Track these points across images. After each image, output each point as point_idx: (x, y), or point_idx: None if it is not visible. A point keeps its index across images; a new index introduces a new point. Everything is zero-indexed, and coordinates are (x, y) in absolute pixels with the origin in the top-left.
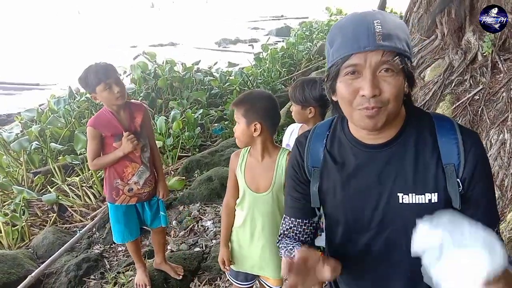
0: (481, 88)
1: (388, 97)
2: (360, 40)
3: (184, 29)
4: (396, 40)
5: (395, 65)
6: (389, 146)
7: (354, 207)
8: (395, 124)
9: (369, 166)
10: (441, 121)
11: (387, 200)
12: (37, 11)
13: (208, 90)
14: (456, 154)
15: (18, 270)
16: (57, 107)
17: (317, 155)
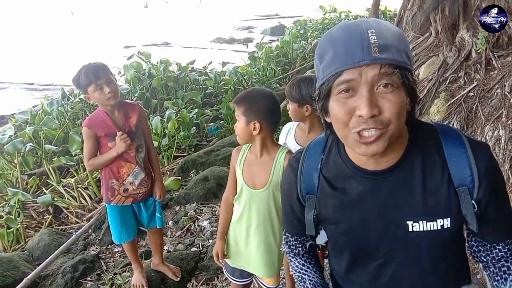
0: (476, 85)
1: (389, 117)
2: (354, 53)
3: (178, 29)
4: (395, 51)
5: (395, 80)
6: (394, 171)
7: (359, 237)
8: (398, 146)
9: (373, 194)
10: (448, 136)
11: (395, 229)
12: (30, 12)
13: (203, 89)
14: (469, 176)
15: (14, 273)
16: (50, 109)
17: (312, 181)
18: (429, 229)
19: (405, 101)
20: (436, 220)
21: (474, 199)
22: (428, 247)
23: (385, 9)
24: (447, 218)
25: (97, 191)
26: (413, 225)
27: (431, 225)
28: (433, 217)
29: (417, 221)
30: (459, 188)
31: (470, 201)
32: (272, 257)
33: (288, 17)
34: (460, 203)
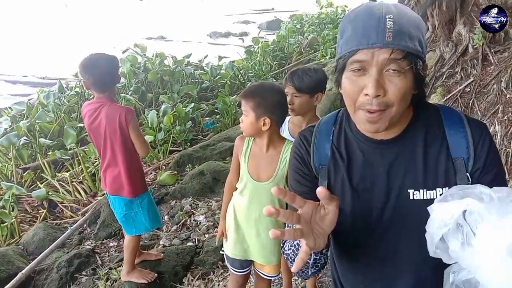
0: (472, 80)
1: (393, 100)
2: (369, 35)
3: (173, 23)
4: (407, 38)
5: (402, 65)
6: (398, 141)
7: (363, 205)
8: (403, 119)
9: (377, 162)
10: (448, 114)
11: (397, 197)
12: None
13: (199, 83)
14: (465, 148)
15: (8, 267)
16: (46, 101)
17: (324, 152)
18: (429, 197)
19: (411, 86)
20: (435, 189)
21: (469, 172)
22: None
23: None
24: (446, 187)
25: (92, 185)
26: (414, 193)
27: (430, 194)
28: (433, 186)
29: (418, 190)
30: (455, 159)
31: (465, 173)
32: (274, 244)
33: (284, 11)
34: (456, 175)
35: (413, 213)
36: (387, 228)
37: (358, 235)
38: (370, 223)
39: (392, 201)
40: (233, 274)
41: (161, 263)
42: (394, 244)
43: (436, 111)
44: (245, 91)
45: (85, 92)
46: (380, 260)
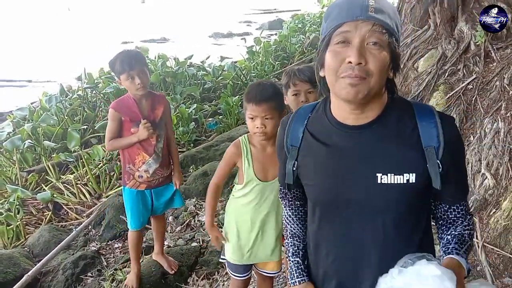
0: (475, 77)
1: (373, 69)
2: (354, 11)
3: (175, 24)
4: (387, 17)
5: (383, 40)
6: (370, 127)
7: (333, 186)
8: (376, 106)
9: (349, 146)
10: (420, 107)
11: (366, 180)
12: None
13: (201, 84)
14: (435, 137)
15: (15, 269)
16: (49, 105)
17: (296, 134)
18: (396, 182)
19: (387, 62)
20: (403, 174)
21: (439, 159)
22: (394, 199)
23: None
24: (413, 173)
25: (96, 187)
26: (382, 177)
27: (398, 178)
28: (400, 171)
29: (386, 173)
30: (426, 147)
31: (436, 160)
32: (276, 240)
33: (286, 11)
34: (426, 162)
35: (380, 196)
36: (355, 210)
37: (328, 214)
38: (338, 204)
39: (361, 184)
40: (234, 280)
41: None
42: (360, 225)
43: (408, 103)
44: (263, 94)
45: (88, 95)
46: (349, 240)
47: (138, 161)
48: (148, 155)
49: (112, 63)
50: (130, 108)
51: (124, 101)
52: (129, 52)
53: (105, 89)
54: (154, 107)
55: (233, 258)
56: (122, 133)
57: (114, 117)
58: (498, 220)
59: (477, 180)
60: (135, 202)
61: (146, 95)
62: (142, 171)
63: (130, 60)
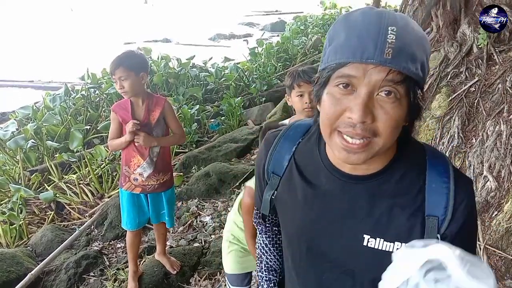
0: (477, 80)
1: (381, 129)
2: (365, 48)
3: (178, 25)
4: (409, 60)
5: (399, 90)
6: (367, 181)
7: (312, 235)
8: (382, 158)
9: (339, 195)
10: (435, 162)
11: (350, 238)
12: (30, 9)
13: (204, 85)
14: (443, 207)
15: (18, 268)
16: (52, 105)
17: (280, 162)
18: (384, 249)
19: (404, 116)
20: (394, 242)
21: (440, 234)
22: (376, 268)
23: (385, 4)
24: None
25: (99, 187)
26: (369, 240)
27: (387, 246)
28: (392, 238)
29: (375, 237)
30: (428, 217)
31: (435, 235)
32: None
33: (288, 13)
34: (424, 233)
35: (363, 260)
36: (332, 267)
37: (302, 263)
38: (316, 256)
39: (344, 241)
40: None
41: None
42: (334, 281)
43: (421, 154)
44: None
45: (91, 95)
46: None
47: (133, 163)
48: (143, 158)
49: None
50: (125, 109)
51: (122, 103)
52: (119, 55)
53: (108, 90)
54: (150, 109)
55: (232, 268)
56: (122, 134)
57: (113, 118)
58: (500, 223)
59: (479, 183)
60: (130, 204)
61: (144, 97)
62: (137, 174)
63: (113, 64)
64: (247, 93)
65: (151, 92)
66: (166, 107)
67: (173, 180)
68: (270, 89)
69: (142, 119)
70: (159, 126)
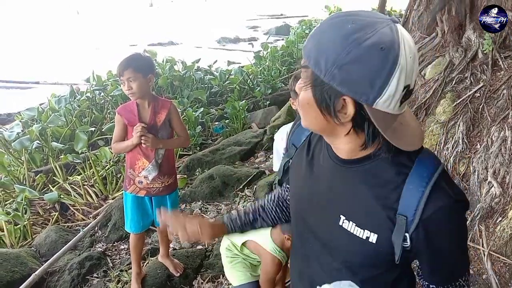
0: (482, 85)
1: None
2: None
3: (183, 28)
4: (312, 59)
5: (304, 75)
6: (354, 165)
7: (305, 207)
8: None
9: (328, 175)
10: (422, 166)
11: (330, 216)
12: (36, 11)
13: (208, 88)
14: (413, 209)
15: (22, 269)
16: (57, 106)
17: (300, 136)
18: (355, 233)
19: (309, 101)
20: (364, 230)
21: (409, 233)
22: (348, 251)
23: (390, 9)
24: (375, 233)
25: (103, 189)
26: (343, 221)
27: (358, 231)
28: (363, 225)
29: (349, 220)
30: (399, 215)
31: (403, 233)
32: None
33: (293, 17)
34: (394, 229)
35: (336, 239)
36: (312, 240)
37: (296, 225)
38: (305, 225)
39: (325, 218)
40: None
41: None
42: (315, 252)
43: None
44: None
45: (96, 97)
46: (307, 259)
47: (138, 166)
48: (148, 161)
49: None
50: (131, 111)
51: (127, 105)
52: (127, 57)
53: (113, 92)
54: (156, 112)
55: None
56: (127, 136)
57: (118, 120)
58: (505, 229)
59: (483, 188)
60: (134, 207)
61: (150, 100)
62: (141, 177)
63: (122, 65)
64: (251, 97)
65: (157, 95)
66: (172, 109)
67: (177, 182)
68: (274, 93)
69: (148, 121)
70: (165, 128)
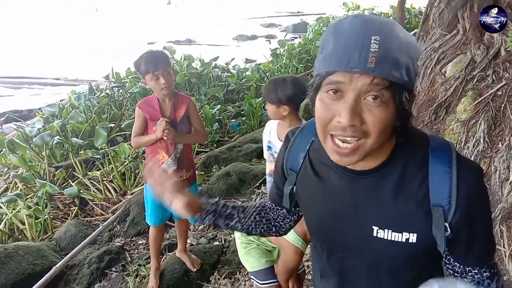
0: (504, 83)
1: (371, 130)
2: (350, 57)
3: (200, 26)
4: (393, 66)
5: (384, 95)
6: (372, 174)
7: (326, 228)
8: (381, 152)
9: (346, 191)
10: (438, 151)
11: (361, 230)
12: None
13: (226, 86)
14: (447, 198)
15: (43, 262)
16: (77, 103)
17: (296, 159)
18: (393, 239)
19: (392, 119)
20: (402, 232)
21: (448, 222)
22: (389, 257)
23: (410, 6)
24: (414, 233)
25: (121, 184)
26: (378, 231)
27: (396, 236)
28: (400, 228)
29: (383, 229)
30: (434, 207)
31: (443, 223)
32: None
33: (310, 14)
34: (432, 222)
35: (374, 251)
36: (346, 256)
37: (321, 249)
38: (333, 245)
39: (356, 233)
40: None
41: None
42: (350, 273)
43: (424, 145)
44: None
45: (115, 94)
46: (338, 284)
47: (158, 160)
48: (168, 155)
49: (137, 63)
50: (153, 106)
51: (149, 100)
52: (154, 53)
53: (132, 89)
54: (176, 107)
55: (252, 266)
56: (147, 131)
57: (139, 114)
58: None
59: (505, 188)
60: (154, 199)
61: (170, 95)
62: None
63: (155, 61)
64: None
65: (175, 91)
66: (191, 105)
67: (196, 176)
68: None
69: (168, 116)
70: (184, 123)
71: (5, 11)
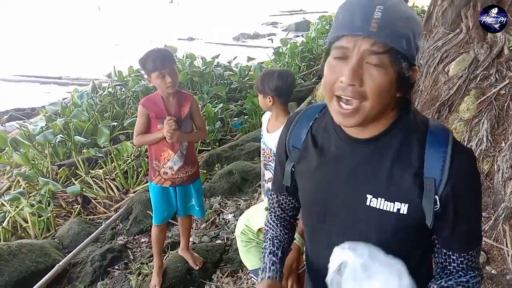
0: (507, 82)
1: (368, 92)
2: (355, 22)
3: (203, 24)
4: (393, 34)
5: (383, 60)
6: (371, 143)
7: (325, 197)
8: (382, 122)
9: (346, 159)
10: (436, 131)
11: (355, 198)
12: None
13: (228, 84)
14: (439, 169)
15: (46, 259)
16: (80, 101)
17: (299, 136)
18: (385, 208)
19: (390, 84)
20: (394, 202)
21: (438, 195)
22: (378, 229)
23: (412, 5)
24: (405, 204)
25: (124, 183)
26: (371, 200)
27: (388, 205)
28: (392, 198)
29: (377, 197)
30: (426, 178)
31: (433, 196)
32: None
33: (313, 12)
34: (423, 195)
35: (365, 219)
36: (342, 227)
37: (314, 221)
38: (324, 214)
39: (350, 201)
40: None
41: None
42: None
43: (424, 126)
44: None
45: (118, 93)
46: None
47: (164, 158)
48: (174, 152)
49: (142, 61)
50: (157, 104)
51: (152, 98)
52: (160, 51)
53: (134, 87)
54: (180, 105)
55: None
56: (150, 129)
57: (142, 112)
58: None
59: (508, 187)
60: (159, 198)
61: (174, 93)
62: (167, 168)
63: (162, 59)
64: None
65: (178, 88)
66: (194, 103)
67: (199, 171)
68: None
69: (174, 113)
70: (187, 121)
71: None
